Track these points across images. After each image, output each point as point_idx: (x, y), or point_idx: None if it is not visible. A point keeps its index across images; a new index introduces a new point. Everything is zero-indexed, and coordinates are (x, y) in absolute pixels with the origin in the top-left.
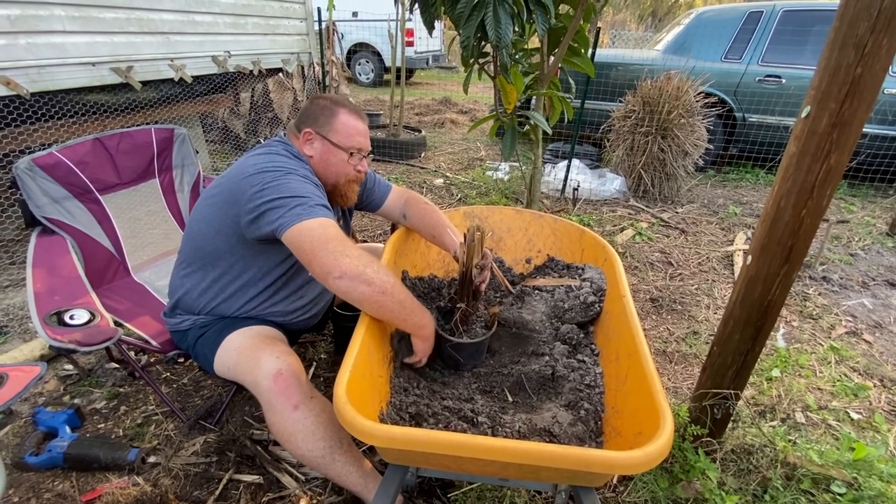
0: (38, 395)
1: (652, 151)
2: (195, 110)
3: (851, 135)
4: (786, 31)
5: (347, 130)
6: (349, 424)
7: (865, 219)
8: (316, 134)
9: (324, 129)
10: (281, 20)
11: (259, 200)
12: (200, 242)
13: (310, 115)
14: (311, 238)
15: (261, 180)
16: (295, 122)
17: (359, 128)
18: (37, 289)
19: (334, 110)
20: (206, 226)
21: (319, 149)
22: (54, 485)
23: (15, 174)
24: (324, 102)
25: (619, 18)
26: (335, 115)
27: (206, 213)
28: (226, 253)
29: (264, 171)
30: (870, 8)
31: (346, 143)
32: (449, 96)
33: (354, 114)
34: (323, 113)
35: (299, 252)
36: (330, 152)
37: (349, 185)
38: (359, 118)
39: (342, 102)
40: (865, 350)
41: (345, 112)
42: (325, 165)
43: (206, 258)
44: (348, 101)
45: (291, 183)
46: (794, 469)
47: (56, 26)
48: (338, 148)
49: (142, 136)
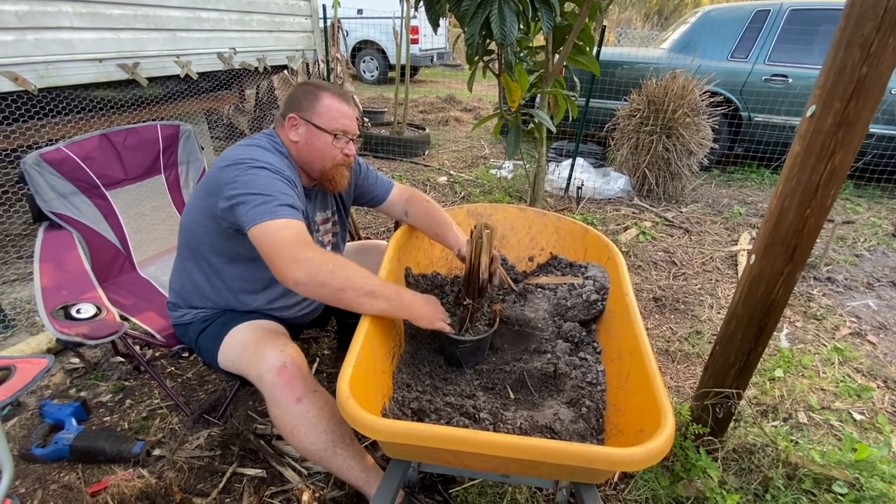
0: (45, 387)
1: (656, 150)
2: (200, 107)
3: (857, 134)
4: (793, 29)
5: (331, 113)
6: (352, 418)
7: (871, 219)
8: (300, 118)
9: (307, 113)
10: (286, 17)
11: (230, 192)
12: (189, 235)
13: (294, 101)
14: (268, 241)
15: (234, 172)
16: (280, 110)
17: (343, 110)
18: (44, 283)
19: (317, 94)
20: (194, 217)
21: (304, 133)
22: (60, 476)
23: (23, 169)
24: (307, 87)
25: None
26: (318, 98)
27: (193, 205)
28: (211, 246)
29: (238, 163)
30: (875, 7)
31: (329, 125)
32: (453, 94)
33: (338, 97)
34: (306, 97)
35: (261, 253)
36: (314, 136)
37: (337, 169)
38: (343, 101)
39: (325, 86)
40: (869, 351)
41: (328, 95)
42: (310, 150)
43: (195, 253)
44: (333, 86)
45: (259, 178)
46: (796, 469)
47: (64, 22)
48: (322, 131)
49: (148, 132)
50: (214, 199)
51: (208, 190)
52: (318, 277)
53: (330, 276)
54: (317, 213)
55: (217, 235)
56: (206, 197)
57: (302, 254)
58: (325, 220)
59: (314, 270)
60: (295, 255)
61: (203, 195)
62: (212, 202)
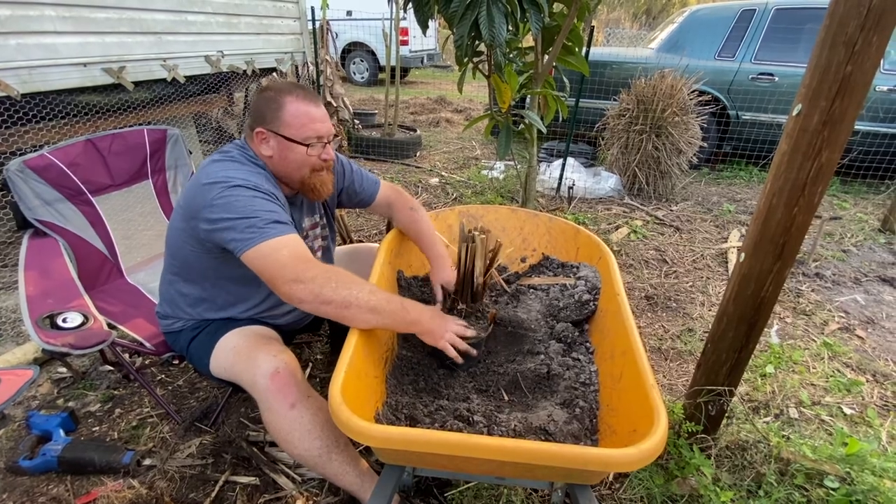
0: (32, 398)
1: (646, 150)
2: (188, 111)
3: (842, 132)
4: (778, 28)
5: (299, 121)
6: (345, 425)
7: (858, 215)
8: (268, 132)
9: (274, 125)
10: (274, 20)
11: (210, 215)
12: (174, 251)
13: (258, 112)
14: (265, 264)
15: (210, 194)
16: (248, 122)
17: (312, 114)
18: (29, 292)
19: (280, 101)
20: (177, 235)
21: (275, 147)
22: (49, 489)
23: (6, 176)
24: (268, 94)
25: (613, 17)
26: (282, 106)
27: (175, 222)
28: (198, 265)
29: (213, 183)
30: (859, 6)
31: (300, 134)
32: (444, 95)
33: (304, 99)
34: (269, 107)
35: (260, 276)
36: (286, 148)
37: (316, 175)
38: (309, 102)
39: (288, 89)
40: (858, 346)
41: (292, 100)
42: (285, 163)
43: (183, 270)
44: (297, 86)
45: (238, 200)
46: (788, 464)
47: (47, 26)
48: (293, 143)
49: (134, 136)
50: (195, 221)
51: (187, 212)
52: (322, 296)
53: (333, 293)
54: (304, 219)
55: (203, 254)
56: (187, 219)
57: (304, 273)
58: (314, 225)
59: (318, 290)
60: (296, 275)
61: (184, 216)
62: (193, 225)
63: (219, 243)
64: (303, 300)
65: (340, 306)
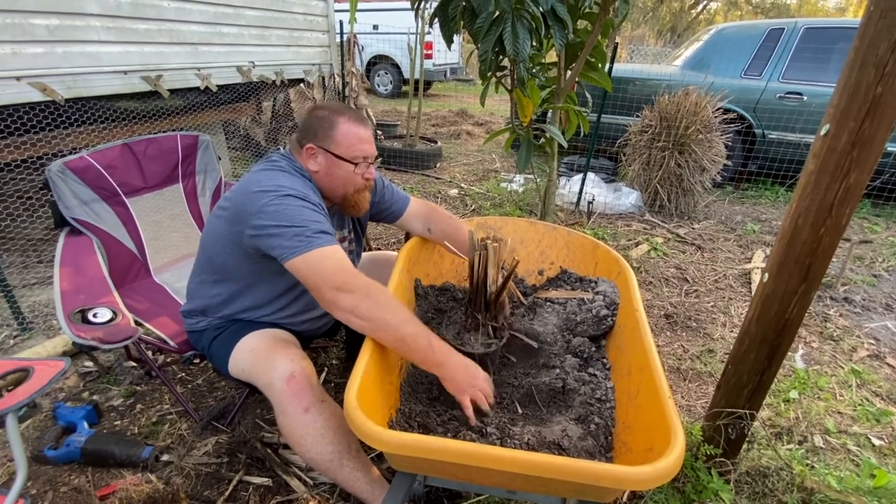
0: (59, 390)
1: (669, 166)
2: (219, 118)
3: (872, 154)
4: (808, 48)
5: (349, 140)
6: (359, 429)
7: (890, 239)
8: (318, 148)
9: (325, 143)
10: (304, 32)
11: (258, 222)
12: (211, 254)
13: (309, 129)
14: (310, 272)
15: (260, 202)
16: (296, 137)
17: (361, 135)
18: (63, 287)
19: (333, 121)
20: (216, 240)
21: (324, 163)
22: (71, 479)
23: (47, 176)
24: (322, 113)
25: (637, 34)
26: (335, 125)
27: (215, 226)
28: (234, 268)
29: (264, 192)
30: (891, 28)
31: (349, 153)
32: (466, 108)
33: (355, 121)
34: (322, 125)
35: (303, 282)
36: (335, 165)
37: (359, 194)
38: (360, 124)
39: (341, 110)
40: (889, 374)
41: (344, 121)
42: (331, 179)
43: (217, 272)
44: (348, 108)
45: (289, 208)
46: (812, 494)
47: (92, 36)
48: (342, 160)
49: (168, 142)
50: (240, 227)
51: (234, 217)
52: (357, 310)
53: (368, 311)
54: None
55: (241, 259)
56: (231, 225)
57: (350, 283)
58: (343, 239)
59: (356, 303)
60: (340, 284)
61: (229, 221)
62: (237, 231)
63: (262, 249)
64: (341, 308)
65: (372, 327)
